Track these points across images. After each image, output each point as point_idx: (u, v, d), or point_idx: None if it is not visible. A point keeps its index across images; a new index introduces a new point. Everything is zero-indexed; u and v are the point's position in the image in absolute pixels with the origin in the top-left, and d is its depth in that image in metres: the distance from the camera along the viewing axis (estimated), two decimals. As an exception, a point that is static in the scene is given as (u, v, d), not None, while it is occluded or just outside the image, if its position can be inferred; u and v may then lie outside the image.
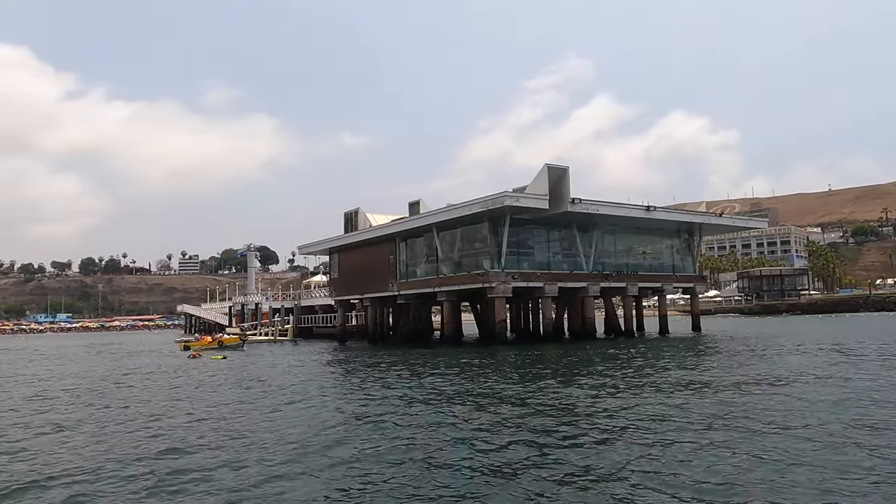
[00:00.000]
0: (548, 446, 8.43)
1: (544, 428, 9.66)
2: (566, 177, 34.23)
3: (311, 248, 51.30)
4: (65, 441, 9.96)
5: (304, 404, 13.37)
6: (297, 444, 9.15)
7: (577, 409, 11.38)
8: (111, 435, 10.33)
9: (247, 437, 9.69)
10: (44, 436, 10.45)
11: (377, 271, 43.41)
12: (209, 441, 9.54)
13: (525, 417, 10.73)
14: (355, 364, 24.33)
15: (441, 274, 38.29)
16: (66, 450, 9.31)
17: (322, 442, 9.22)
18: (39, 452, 9.12)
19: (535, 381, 16.10)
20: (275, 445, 9.03)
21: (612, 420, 10.23)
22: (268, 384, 17.77)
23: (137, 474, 7.66)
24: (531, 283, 35.82)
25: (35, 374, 25.53)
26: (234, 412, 12.46)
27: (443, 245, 38.56)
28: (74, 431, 10.85)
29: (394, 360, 24.80)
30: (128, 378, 21.47)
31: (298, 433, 9.85)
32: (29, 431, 10.96)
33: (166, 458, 8.47)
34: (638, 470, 7.15)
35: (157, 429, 10.76)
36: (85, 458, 8.62)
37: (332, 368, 23.57)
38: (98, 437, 10.12)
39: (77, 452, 9.07)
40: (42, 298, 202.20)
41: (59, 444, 9.75)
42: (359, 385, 16.85)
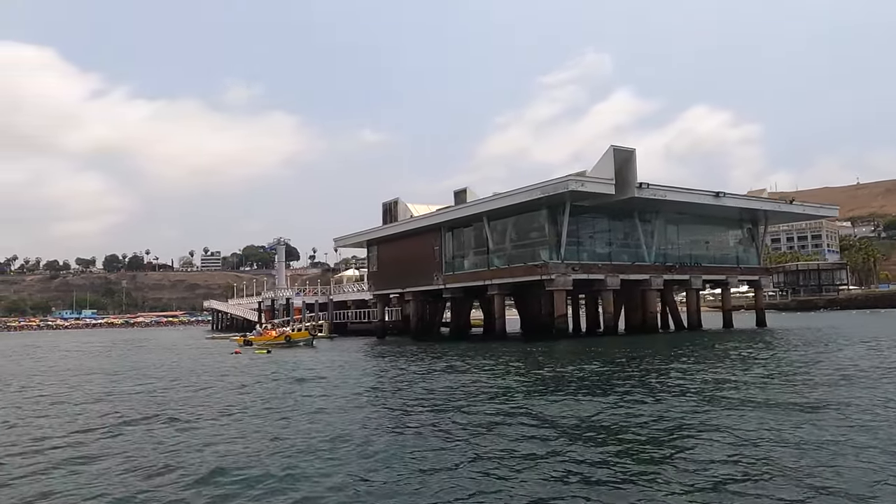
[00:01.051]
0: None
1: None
2: (632, 160, 31.64)
3: (347, 241, 49.20)
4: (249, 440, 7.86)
5: (443, 421, 11.11)
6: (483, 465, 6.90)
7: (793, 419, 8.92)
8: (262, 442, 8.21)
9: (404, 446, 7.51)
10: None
11: (420, 264, 41.15)
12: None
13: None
14: (428, 361, 22.05)
15: (492, 266, 35.92)
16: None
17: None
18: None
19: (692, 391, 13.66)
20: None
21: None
22: (355, 383, 15.59)
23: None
24: (592, 275, 33.30)
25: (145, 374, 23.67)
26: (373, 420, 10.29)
27: (494, 235, 36.20)
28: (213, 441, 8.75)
29: (459, 359, 22.50)
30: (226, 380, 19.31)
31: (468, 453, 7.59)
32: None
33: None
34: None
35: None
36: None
37: (406, 368, 21.34)
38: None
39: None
40: (67, 295, 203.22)
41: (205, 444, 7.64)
42: (471, 387, 14.59)
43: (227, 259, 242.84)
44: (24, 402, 14.06)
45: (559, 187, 30.06)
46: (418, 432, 8.92)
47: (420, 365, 20.17)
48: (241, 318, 76.73)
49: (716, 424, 8.67)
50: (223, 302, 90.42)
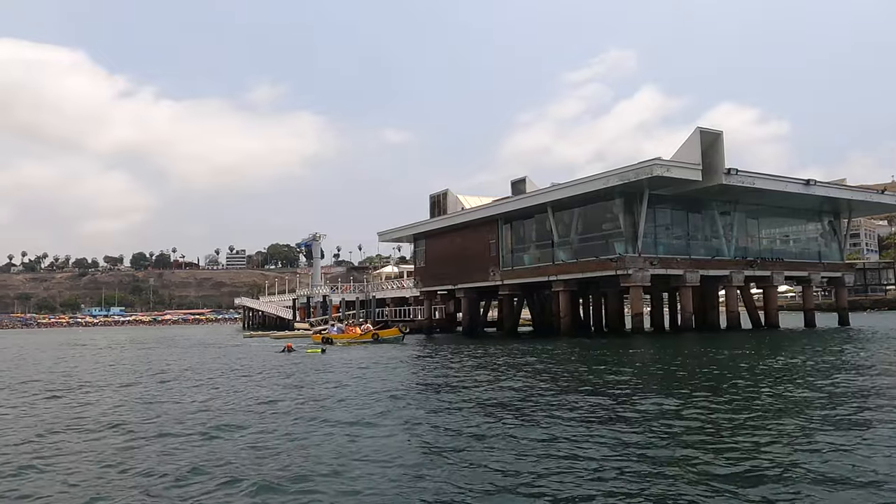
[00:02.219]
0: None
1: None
2: (719, 143, 28.80)
3: (392, 235, 46.92)
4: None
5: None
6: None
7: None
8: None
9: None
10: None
11: (474, 259, 38.71)
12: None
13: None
14: (516, 361, 19.56)
15: (558, 260, 33.31)
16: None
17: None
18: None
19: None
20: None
21: None
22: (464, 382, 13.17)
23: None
24: (670, 270, 30.58)
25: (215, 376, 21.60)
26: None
27: (559, 227, 33.57)
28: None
29: (535, 357, 19.96)
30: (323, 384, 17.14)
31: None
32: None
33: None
34: None
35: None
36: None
37: (535, 378, 18.90)
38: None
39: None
40: (95, 292, 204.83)
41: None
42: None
43: (252, 257, 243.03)
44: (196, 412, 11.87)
45: (641, 172, 27.36)
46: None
47: (536, 367, 17.69)
48: (273, 316, 75.00)
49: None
50: (254, 299, 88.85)
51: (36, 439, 8.86)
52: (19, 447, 8.34)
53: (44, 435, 9.18)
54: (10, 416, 11.37)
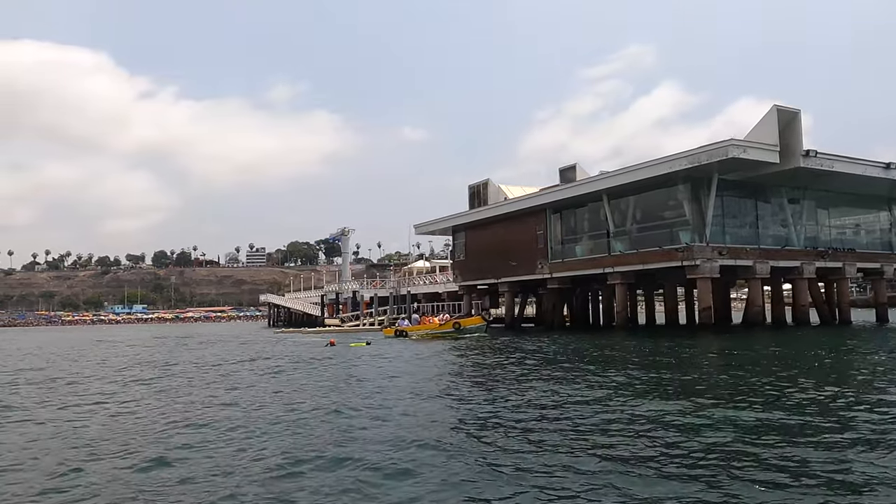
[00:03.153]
0: None
1: None
2: (796, 122, 26.65)
3: (429, 227, 45.19)
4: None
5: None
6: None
7: None
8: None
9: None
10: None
11: (518, 251, 36.86)
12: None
13: None
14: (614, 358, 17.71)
15: (614, 251, 31.33)
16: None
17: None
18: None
19: None
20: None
21: None
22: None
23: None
24: (739, 260, 28.46)
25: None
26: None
27: (615, 216, 31.60)
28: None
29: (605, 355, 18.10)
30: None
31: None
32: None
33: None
34: None
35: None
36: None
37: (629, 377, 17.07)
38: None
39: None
40: (118, 290, 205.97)
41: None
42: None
43: (271, 255, 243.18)
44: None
45: (714, 154, 25.28)
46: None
47: (631, 367, 15.83)
48: (300, 313, 73.78)
49: None
50: (279, 296, 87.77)
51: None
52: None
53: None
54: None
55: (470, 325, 30.30)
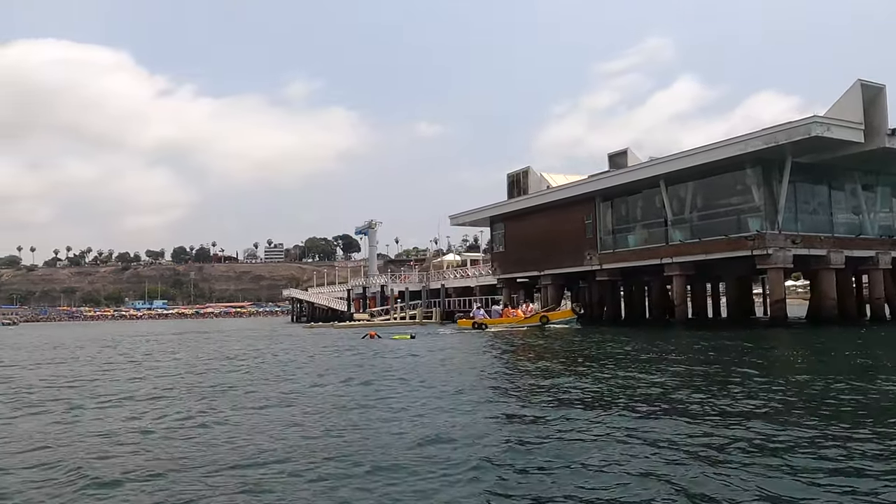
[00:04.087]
0: None
1: None
2: (882, 99, 24.47)
3: (465, 218, 43.43)
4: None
5: None
6: None
7: None
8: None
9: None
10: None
11: (564, 241, 35.01)
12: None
13: None
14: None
15: (672, 240, 29.38)
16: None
17: None
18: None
19: None
20: None
21: None
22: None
23: None
24: (812, 249, 26.38)
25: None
26: None
27: (673, 203, 29.63)
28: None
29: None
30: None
31: None
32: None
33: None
34: None
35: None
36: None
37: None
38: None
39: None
40: (138, 286, 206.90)
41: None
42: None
43: (289, 251, 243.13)
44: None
45: (794, 133, 23.22)
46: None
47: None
48: (324, 308, 72.46)
49: None
50: (303, 291, 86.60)
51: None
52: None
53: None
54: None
55: (558, 319, 27.97)
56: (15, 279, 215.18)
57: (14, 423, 8.37)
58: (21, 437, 7.31)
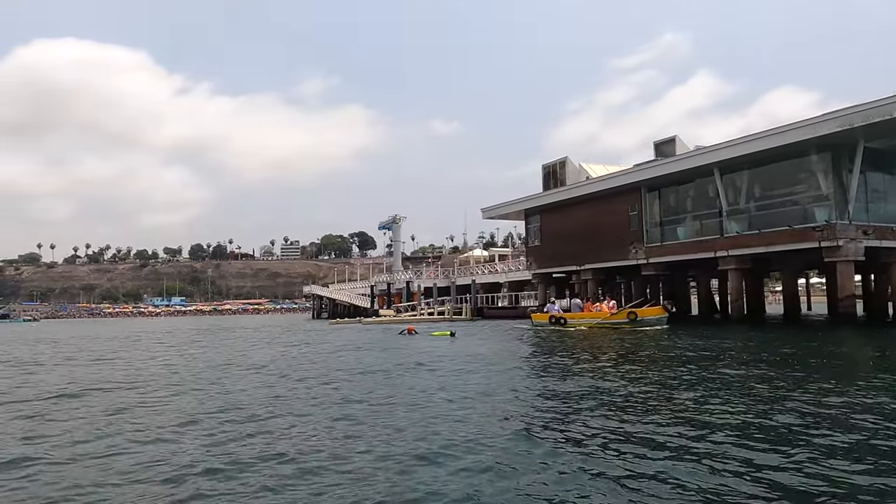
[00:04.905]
0: None
1: None
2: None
3: (498, 211, 41.93)
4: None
5: None
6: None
7: None
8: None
9: None
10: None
11: (606, 234, 33.44)
12: None
13: None
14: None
15: (728, 232, 27.70)
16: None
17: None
18: None
19: None
20: None
21: None
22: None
23: None
24: (885, 241, 24.62)
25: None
26: None
27: (728, 192, 27.95)
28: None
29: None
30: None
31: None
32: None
33: None
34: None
35: None
36: None
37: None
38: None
39: None
40: (156, 283, 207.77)
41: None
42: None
43: (305, 248, 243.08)
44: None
45: (873, 115, 21.43)
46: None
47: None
48: (346, 304, 71.35)
49: None
50: (324, 287, 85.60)
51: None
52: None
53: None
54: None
55: (648, 317, 24.99)
56: (35, 276, 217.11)
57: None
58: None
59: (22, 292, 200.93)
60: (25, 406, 9.25)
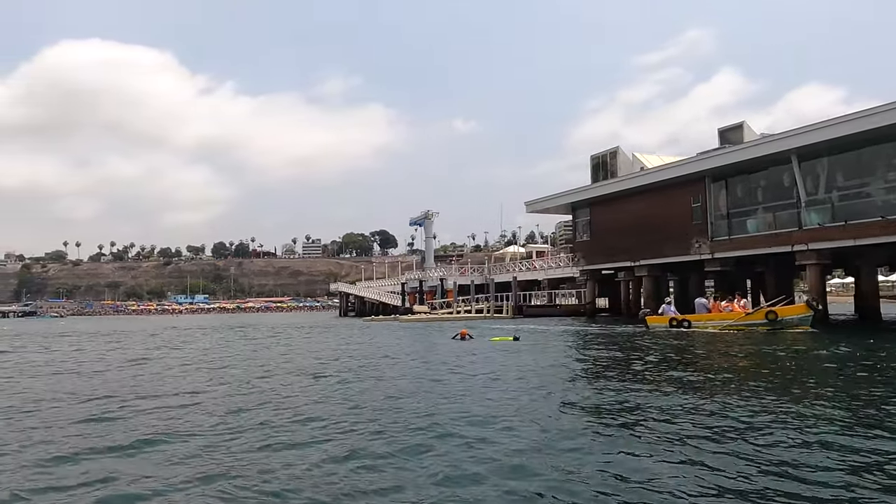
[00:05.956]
0: None
1: None
2: None
3: (543, 204, 40.10)
4: None
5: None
6: None
7: None
8: None
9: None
10: None
11: (664, 228, 31.48)
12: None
13: None
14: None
15: (808, 224, 25.61)
16: None
17: None
18: None
19: None
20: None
21: None
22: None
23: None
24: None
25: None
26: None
27: (807, 181, 25.86)
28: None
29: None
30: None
31: None
32: None
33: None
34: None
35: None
36: None
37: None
38: None
39: None
40: (179, 281, 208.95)
41: None
42: None
43: (326, 247, 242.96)
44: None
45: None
46: None
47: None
48: (375, 302, 70.02)
49: None
50: (351, 285, 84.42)
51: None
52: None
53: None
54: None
55: (789, 317, 21.47)
56: (61, 273, 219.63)
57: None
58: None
59: (48, 289, 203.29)
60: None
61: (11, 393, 10.29)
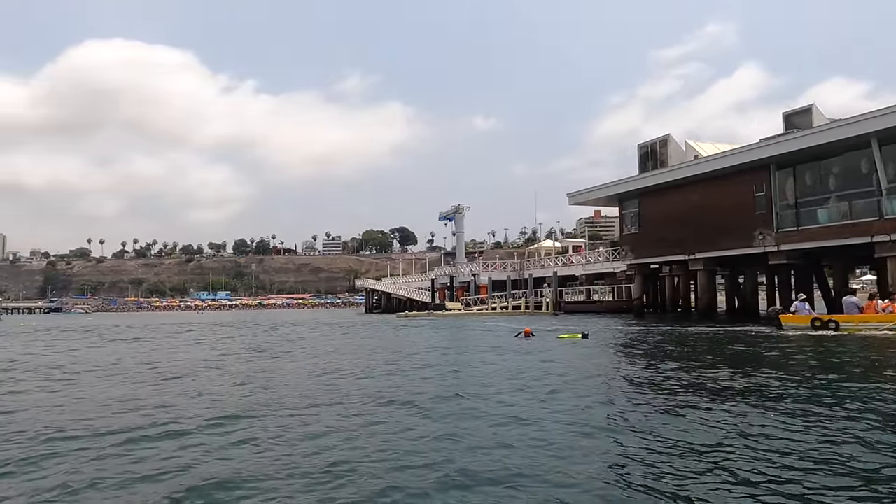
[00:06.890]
0: None
1: None
2: None
3: (588, 196, 38.51)
4: None
5: None
6: None
7: None
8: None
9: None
10: None
11: (723, 219, 29.74)
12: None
13: None
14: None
15: (889, 213, 23.79)
16: None
17: None
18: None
19: None
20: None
21: None
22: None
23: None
24: None
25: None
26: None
27: (889, 166, 24.03)
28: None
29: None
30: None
31: None
32: None
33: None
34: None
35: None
36: None
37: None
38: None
39: None
40: (201, 277, 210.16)
41: None
42: None
43: (346, 244, 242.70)
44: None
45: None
46: None
47: None
48: (403, 298, 68.91)
49: None
50: (377, 281, 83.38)
51: None
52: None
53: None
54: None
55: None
56: (85, 270, 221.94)
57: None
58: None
59: (73, 286, 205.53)
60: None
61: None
